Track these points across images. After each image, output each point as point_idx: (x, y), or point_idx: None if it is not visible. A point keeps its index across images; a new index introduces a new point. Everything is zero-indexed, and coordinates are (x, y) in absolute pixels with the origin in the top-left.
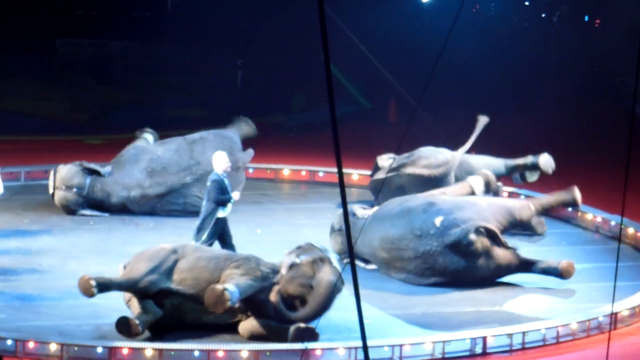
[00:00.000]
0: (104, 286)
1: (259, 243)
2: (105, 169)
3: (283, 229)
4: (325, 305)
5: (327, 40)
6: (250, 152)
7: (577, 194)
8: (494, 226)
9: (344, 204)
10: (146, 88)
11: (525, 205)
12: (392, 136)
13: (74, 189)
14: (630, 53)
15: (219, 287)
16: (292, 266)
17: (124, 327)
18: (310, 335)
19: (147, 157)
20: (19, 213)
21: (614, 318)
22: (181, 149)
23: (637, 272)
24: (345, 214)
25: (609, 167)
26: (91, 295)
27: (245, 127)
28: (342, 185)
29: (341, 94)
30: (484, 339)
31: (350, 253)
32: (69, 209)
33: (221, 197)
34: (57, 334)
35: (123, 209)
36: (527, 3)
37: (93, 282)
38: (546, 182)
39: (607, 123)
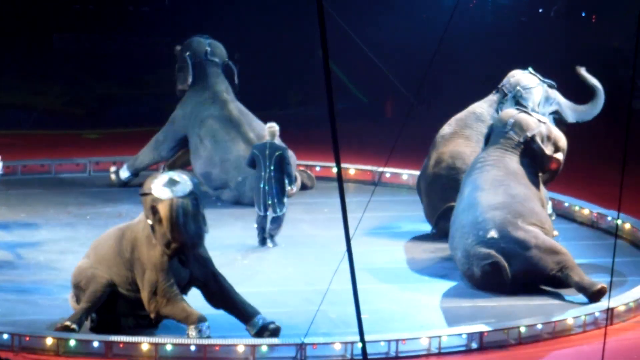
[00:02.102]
0: (79, 320)
1: (256, 239)
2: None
3: None
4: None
5: (325, 35)
6: (298, 183)
7: (600, 291)
8: (507, 273)
9: (342, 199)
10: (144, 82)
11: (556, 265)
12: (388, 131)
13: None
14: (628, 50)
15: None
16: (153, 230)
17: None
18: (272, 332)
19: (248, 119)
20: (15, 207)
21: (610, 313)
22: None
23: (633, 268)
24: (344, 209)
25: (606, 162)
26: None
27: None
28: (340, 179)
29: (338, 89)
30: (481, 334)
31: (348, 247)
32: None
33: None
34: (53, 328)
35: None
36: None
37: (69, 323)
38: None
39: (604, 117)
